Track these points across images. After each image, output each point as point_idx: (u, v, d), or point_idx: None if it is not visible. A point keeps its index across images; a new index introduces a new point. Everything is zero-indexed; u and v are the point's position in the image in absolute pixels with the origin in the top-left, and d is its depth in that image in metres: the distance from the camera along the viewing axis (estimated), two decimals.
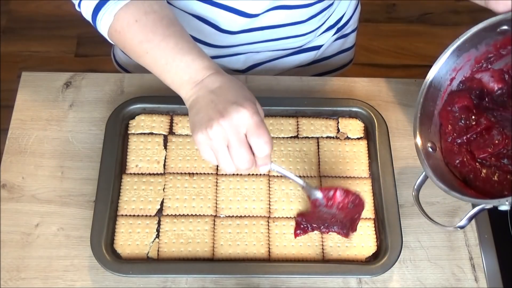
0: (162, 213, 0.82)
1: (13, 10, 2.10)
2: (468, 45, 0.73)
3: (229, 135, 0.65)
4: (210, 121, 0.65)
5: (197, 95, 0.68)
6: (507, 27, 0.70)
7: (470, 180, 0.74)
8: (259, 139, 0.65)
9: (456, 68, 0.76)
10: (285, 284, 0.79)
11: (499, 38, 0.72)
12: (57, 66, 1.94)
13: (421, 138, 0.75)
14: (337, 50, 1.10)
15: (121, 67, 1.10)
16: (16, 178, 0.85)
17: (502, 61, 0.75)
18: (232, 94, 0.67)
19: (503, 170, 0.72)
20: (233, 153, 0.66)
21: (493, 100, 0.76)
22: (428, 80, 0.76)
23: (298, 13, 0.91)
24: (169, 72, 0.71)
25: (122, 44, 0.74)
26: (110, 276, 0.78)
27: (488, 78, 0.75)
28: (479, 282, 0.80)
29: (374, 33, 2.05)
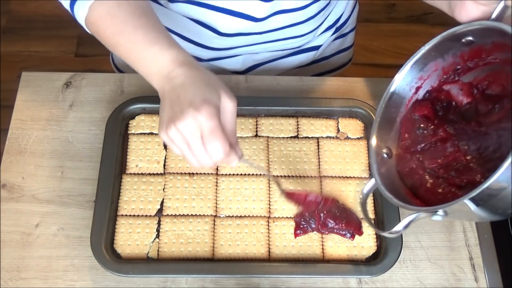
0: (162, 213, 0.82)
1: (13, 10, 2.10)
2: (434, 54, 0.72)
3: (186, 137, 0.64)
4: (169, 122, 0.65)
5: (163, 90, 0.68)
6: (472, 38, 0.68)
7: (416, 189, 0.73)
8: (211, 145, 0.64)
9: (423, 77, 0.75)
10: (285, 284, 0.79)
11: (465, 50, 0.70)
12: (57, 66, 1.94)
13: (377, 143, 0.74)
14: (336, 50, 1.10)
15: (118, 69, 1.10)
16: (16, 178, 0.85)
17: (471, 74, 0.72)
18: (193, 93, 0.64)
19: (449, 183, 0.70)
20: (194, 153, 0.65)
21: (459, 113, 0.74)
22: (391, 86, 0.75)
23: (296, 15, 0.91)
24: (139, 64, 0.70)
25: (98, 36, 0.74)
26: (110, 276, 0.78)
27: (457, 91, 0.74)
28: (479, 282, 0.80)
29: (374, 33, 2.05)
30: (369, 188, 0.75)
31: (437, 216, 0.62)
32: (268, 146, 0.87)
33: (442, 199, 0.69)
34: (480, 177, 0.68)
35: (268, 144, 0.88)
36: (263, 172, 0.81)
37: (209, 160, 0.65)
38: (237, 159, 0.68)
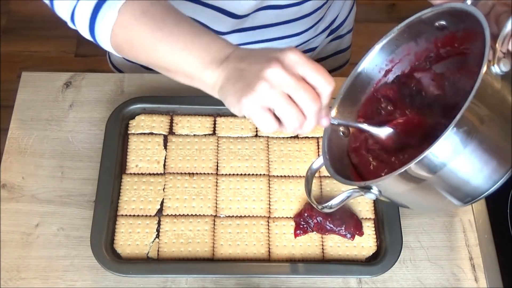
0: (162, 213, 0.82)
1: (13, 10, 2.10)
2: (407, 37, 0.68)
3: (287, 78, 0.55)
4: (259, 73, 0.56)
5: (227, 70, 0.60)
6: (444, 22, 0.64)
7: (361, 170, 0.70)
8: (321, 75, 0.56)
9: (394, 60, 0.71)
10: (285, 284, 0.79)
11: (438, 35, 0.66)
12: (57, 66, 1.94)
13: (339, 114, 0.70)
14: (333, 51, 1.09)
15: (116, 68, 1.10)
16: (16, 178, 0.85)
17: (444, 64, 0.68)
18: (267, 51, 0.58)
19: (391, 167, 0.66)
20: (297, 94, 0.56)
21: (428, 104, 0.70)
22: (359, 65, 0.71)
23: (288, 12, 0.90)
24: (188, 56, 0.62)
25: (129, 40, 0.66)
26: (110, 276, 0.78)
27: (428, 81, 0.70)
28: (479, 282, 0.80)
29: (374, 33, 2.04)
30: (319, 164, 0.71)
31: (371, 194, 0.60)
32: (268, 146, 0.87)
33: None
34: None
35: (268, 144, 0.88)
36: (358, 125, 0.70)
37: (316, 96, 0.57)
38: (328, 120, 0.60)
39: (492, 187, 0.59)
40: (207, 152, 0.86)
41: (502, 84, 0.55)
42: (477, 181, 0.58)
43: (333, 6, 0.99)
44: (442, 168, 0.55)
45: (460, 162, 0.55)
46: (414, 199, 0.64)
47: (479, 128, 0.54)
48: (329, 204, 0.66)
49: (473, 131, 0.53)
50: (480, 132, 0.54)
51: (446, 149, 0.54)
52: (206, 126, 0.88)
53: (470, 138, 0.54)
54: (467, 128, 0.53)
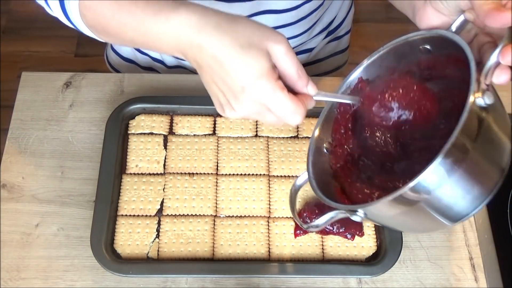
0: (162, 213, 0.82)
1: (13, 10, 2.10)
2: (392, 58, 0.68)
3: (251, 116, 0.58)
4: (227, 106, 0.58)
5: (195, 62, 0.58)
6: (429, 47, 0.65)
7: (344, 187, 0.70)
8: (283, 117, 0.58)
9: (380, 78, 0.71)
10: (285, 284, 0.79)
11: (422, 58, 0.67)
12: (57, 66, 1.94)
13: (320, 135, 0.71)
14: (331, 53, 1.09)
15: (113, 69, 1.10)
16: (16, 178, 0.85)
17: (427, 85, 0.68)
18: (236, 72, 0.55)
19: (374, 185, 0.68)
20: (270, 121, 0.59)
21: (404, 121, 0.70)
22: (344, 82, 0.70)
23: (286, 16, 0.90)
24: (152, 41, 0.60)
25: (97, 22, 0.64)
26: (110, 276, 0.78)
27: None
28: (479, 282, 0.80)
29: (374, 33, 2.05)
30: (303, 180, 0.71)
31: (356, 217, 0.61)
32: (268, 146, 0.87)
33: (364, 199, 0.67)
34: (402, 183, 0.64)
35: (268, 144, 0.88)
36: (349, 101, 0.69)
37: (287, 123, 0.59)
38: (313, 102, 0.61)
39: (473, 211, 0.59)
40: (207, 152, 0.86)
41: (486, 115, 0.56)
42: (459, 207, 0.59)
43: (330, 7, 0.99)
44: (426, 197, 0.56)
45: (444, 190, 0.56)
46: (398, 223, 0.65)
47: (464, 158, 0.55)
48: (315, 224, 0.67)
49: (458, 161, 0.54)
50: (465, 162, 0.55)
51: (431, 179, 0.54)
52: (206, 126, 0.88)
53: (455, 168, 0.54)
54: (453, 159, 0.54)
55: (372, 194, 0.66)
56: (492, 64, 0.55)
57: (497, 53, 0.54)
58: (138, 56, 1.04)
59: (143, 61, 1.04)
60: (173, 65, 1.03)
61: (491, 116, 0.56)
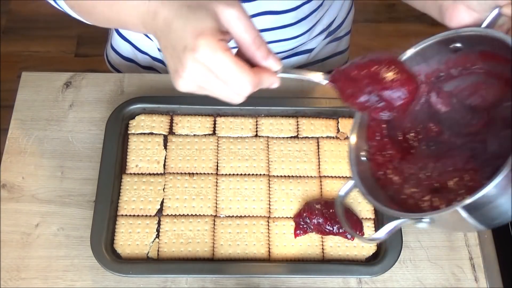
0: (162, 213, 0.82)
1: (13, 10, 2.10)
2: (419, 59, 0.69)
3: (201, 84, 0.55)
4: (175, 75, 0.56)
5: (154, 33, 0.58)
6: (460, 44, 0.65)
7: (393, 194, 0.69)
8: (232, 84, 0.54)
9: None
10: (285, 284, 0.79)
11: (451, 57, 0.67)
12: (57, 66, 1.94)
13: (357, 141, 0.70)
14: (331, 53, 1.09)
15: (113, 68, 1.10)
16: (16, 178, 0.85)
17: (453, 83, 0.69)
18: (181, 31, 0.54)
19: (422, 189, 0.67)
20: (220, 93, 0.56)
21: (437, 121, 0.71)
22: None
23: (286, 17, 0.90)
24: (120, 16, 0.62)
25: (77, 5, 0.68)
26: (110, 276, 0.78)
27: (435, 99, 0.71)
28: (479, 282, 0.80)
29: (374, 33, 2.05)
30: (347, 190, 0.71)
31: (423, 224, 0.60)
32: (268, 146, 0.87)
33: (416, 205, 0.66)
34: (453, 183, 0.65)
35: (268, 144, 0.88)
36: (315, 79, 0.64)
37: (238, 96, 0.56)
38: (276, 79, 0.57)
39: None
40: (207, 152, 0.86)
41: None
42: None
43: (330, 8, 0.99)
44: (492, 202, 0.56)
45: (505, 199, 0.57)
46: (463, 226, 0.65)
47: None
48: (376, 237, 0.64)
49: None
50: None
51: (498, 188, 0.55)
52: (206, 126, 0.88)
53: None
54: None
55: (423, 197, 0.65)
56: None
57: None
58: (138, 56, 1.04)
59: (143, 60, 1.04)
60: None
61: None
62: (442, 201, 0.63)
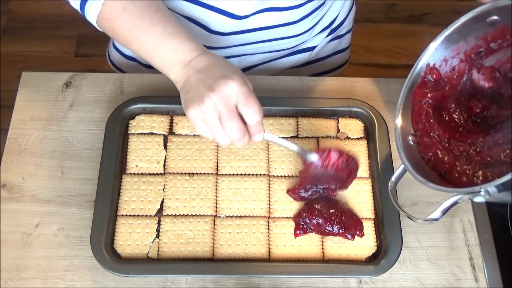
0: (162, 213, 0.82)
1: (13, 10, 2.10)
2: (457, 36, 0.70)
3: (219, 107, 0.67)
4: (201, 97, 0.67)
5: (186, 75, 0.71)
6: (497, 17, 0.66)
7: (445, 173, 0.70)
8: (248, 109, 0.67)
9: (446, 60, 0.73)
10: (285, 284, 0.79)
11: (489, 31, 0.68)
12: (57, 66, 1.94)
13: (403, 126, 0.72)
14: (333, 51, 1.09)
15: (115, 66, 1.10)
16: (16, 178, 0.85)
17: (493, 57, 0.70)
18: (220, 69, 0.69)
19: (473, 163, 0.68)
20: (225, 125, 0.68)
21: (483, 97, 0.72)
22: (416, 67, 0.73)
23: (289, 14, 0.90)
24: (158, 56, 0.73)
25: (111, 31, 0.77)
26: (110, 276, 0.78)
27: (478, 76, 0.72)
28: (479, 282, 0.80)
29: (374, 33, 2.05)
30: (397, 175, 0.73)
31: (480, 197, 0.60)
32: (268, 146, 0.87)
33: (470, 181, 0.67)
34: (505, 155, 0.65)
35: (268, 144, 0.88)
36: (292, 148, 0.77)
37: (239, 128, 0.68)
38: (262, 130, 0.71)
39: None
40: (207, 152, 0.86)
41: None
42: None
43: (332, 6, 1.00)
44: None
45: None
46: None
47: None
48: (432, 217, 0.65)
49: None
50: None
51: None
52: None
53: None
54: None
55: (476, 173, 0.66)
56: None
57: None
58: None
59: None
60: None
61: None
62: (495, 174, 0.63)
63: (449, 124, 0.72)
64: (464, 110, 0.72)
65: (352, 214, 0.81)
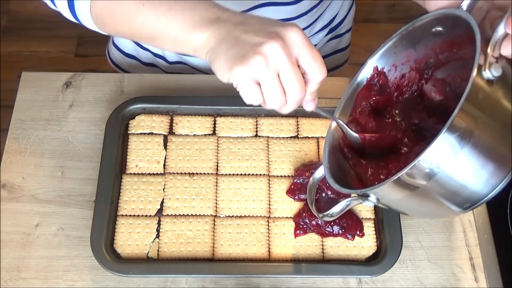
0: (162, 213, 0.82)
1: (13, 10, 2.10)
2: (406, 43, 0.68)
3: (283, 58, 0.54)
4: (256, 46, 0.54)
5: (218, 32, 0.57)
6: (441, 28, 0.64)
7: (361, 175, 0.70)
8: (315, 63, 0.56)
9: (396, 66, 0.71)
10: (285, 284, 0.79)
11: (437, 41, 0.66)
12: (57, 66, 1.94)
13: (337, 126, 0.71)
14: (332, 50, 1.09)
15: (115, 65, 1.10)
16: (16, 178, 0.85)
17: (445, 70, 0.68)
18: (266, 20, 0.57)
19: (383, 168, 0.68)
20: (287, 79, 0.55)
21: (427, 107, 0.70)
22: (359, 73, 0.71)
23: (286, 10, 0.90)
24: (174, 18, 0.59)
25: (110, 8, 0.64)
26: (110, 276, 0.78)
27: (429, 87, 0.69)
28: (479, 282, 0.80)
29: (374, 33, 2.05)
30: (322, 173, 0.72)
31: (369, 202, 0.61)
32: (268, 146, 0.87)
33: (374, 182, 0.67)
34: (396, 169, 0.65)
35: (268, 144, 0.88)
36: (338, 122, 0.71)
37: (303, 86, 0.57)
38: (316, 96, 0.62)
39: (491, 192, 0.58)
40: (207, 152, 0.86)
41: (494, 88, 0.55)
42: (474, 186, 0.58)
43: (332, 4, 0.99)
44: (437, 173, 0.55)
45: (455, 166, 0.55)
46: (412, 206, 0.64)
47: (473, 132, 0.54)
48: (330, 213, 0.67)
49: (466, 135, 0.54)
50: (474, 136, 0.54)
51: (439, 154, 0.54)
52: (206, 126, 0.88)
53: (464, 142, 0.54)
54: (460, 132, 0.53)
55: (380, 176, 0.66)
56: (499, 35, 0.55)
57: (503, 24, 0.54)
58: (140, 52, 1.04)
59: (145, 56, 1.04)
60: (174, 60, 1.03)
61: (501, 89, 0.55)
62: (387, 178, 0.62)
63: (381, 124, 0.72)
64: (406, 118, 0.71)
65: (352, 214, 0.81)
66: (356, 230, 0.80)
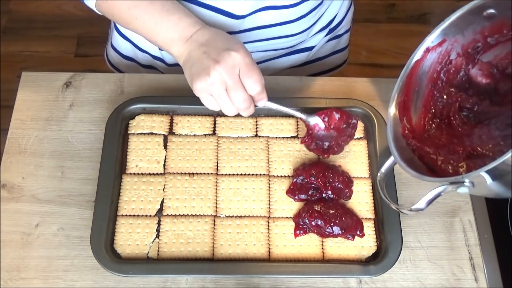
0: (162, 213, 0.82)
1: (13, 10, 2.10)
2: (454, 30, 0.69)
3: (226, 78, 0.70)
4: (207, 69, 0.70)
5: (189, 50, 0.73)
6: (493, 10, 0.65)
7: (432, 166, 0.70)
8: (250, 79, 0.71)
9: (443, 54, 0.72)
10: (285, 284, 0.79)
11: (486, 25, 0.67)
12: (57, 66, 1.94)
13: (394, 117, 0.72)
14: (331, 51, 1.09)
15: (113, 67, 1.10)
16: (16, 178, 0.85)
17: (491, 52, 0.70)
18: (222, 42, 0.72)
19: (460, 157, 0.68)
20: (232, 94, 0.72)
21: (477, 92, 0.71)
22: (412, 60, 0.72)
23: (286, 13, 0.90)
24: (159, 33, 0.76)
25: (110, 12, 0.79)
26: (110, 276, 0.78)
27: (475, 71, 0.71)
28: (479, 282, 0.80)
29: (374, 33, 2.05)
30: (388, 166, 0.73)
31: (464, 188, 0.59)
32: (268, 146, 0.87)
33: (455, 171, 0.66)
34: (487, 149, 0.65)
35: (268, 144, 0.88)
36: (294, 113, 0.82)
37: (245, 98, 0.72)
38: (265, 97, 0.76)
39: None
40: (207, 152, 0.86)
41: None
42: None
43: (331, 6, 1.00)
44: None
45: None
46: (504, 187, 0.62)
47: None
48: (417, 207, 0.64)
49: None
50: None
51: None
52: (206, 126, 0.88)
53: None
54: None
55: (460, 164, 0.66)
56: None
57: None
58: (138, 54, 1.04)
59: (143, 59, 1.04)
60: (173, 63, 1.03)
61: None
62: (478, 166, 0.61)
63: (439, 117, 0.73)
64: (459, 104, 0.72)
65: (352, 214, 0.81)
66: (356, 230, 0.80)
